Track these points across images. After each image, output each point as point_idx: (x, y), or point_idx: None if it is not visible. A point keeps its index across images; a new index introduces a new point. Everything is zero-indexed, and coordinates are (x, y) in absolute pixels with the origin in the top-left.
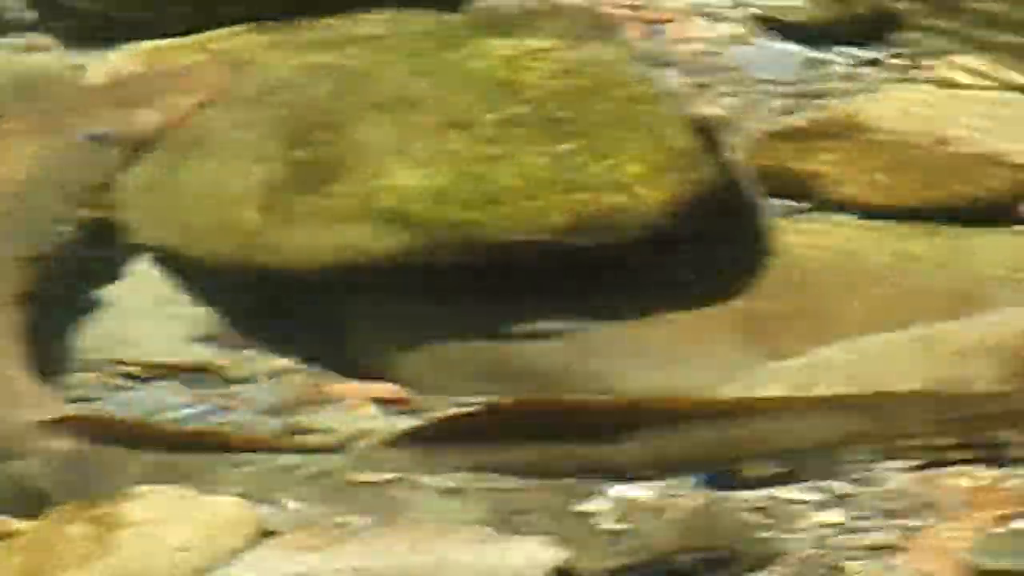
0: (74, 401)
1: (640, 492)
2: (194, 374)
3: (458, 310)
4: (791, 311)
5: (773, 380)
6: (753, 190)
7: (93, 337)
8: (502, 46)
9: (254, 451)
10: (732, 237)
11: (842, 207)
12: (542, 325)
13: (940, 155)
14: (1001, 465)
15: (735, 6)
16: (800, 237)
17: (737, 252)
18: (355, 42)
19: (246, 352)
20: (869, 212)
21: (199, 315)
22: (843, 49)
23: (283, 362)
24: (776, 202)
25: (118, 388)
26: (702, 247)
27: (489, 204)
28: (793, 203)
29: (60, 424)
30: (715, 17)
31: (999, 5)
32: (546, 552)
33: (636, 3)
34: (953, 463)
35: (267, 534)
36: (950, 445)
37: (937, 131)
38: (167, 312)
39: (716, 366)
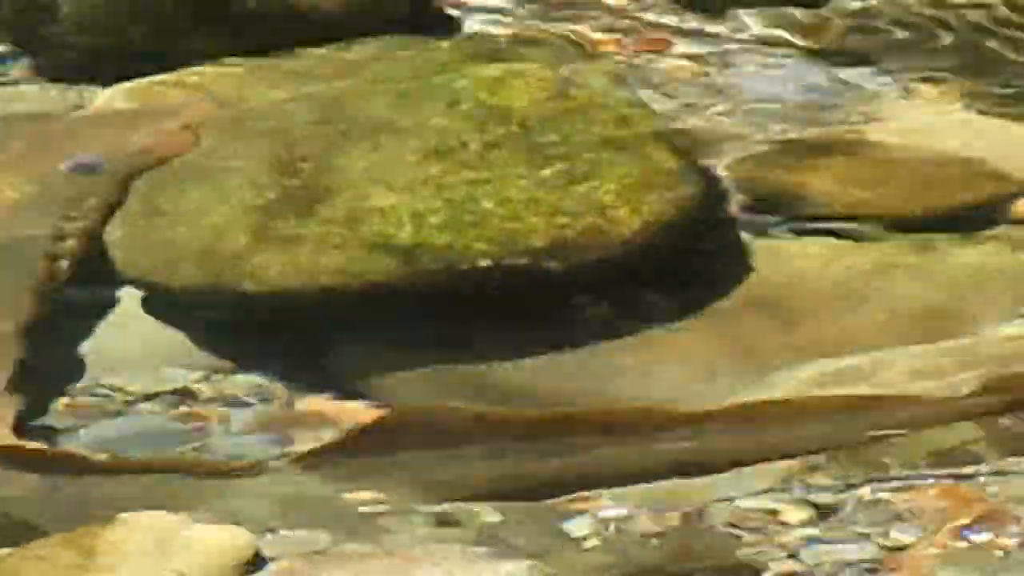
0: (60, 427)
1: (620, 510)
2: (177, 398)
3: (440, 333)
4: (775, 327)
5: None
6: (738, 207)
7: (76, 364)
8: (486, 71)
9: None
10: (717, 254)
11: (829, 221)
12: (523, 346)
13: (926, 168)
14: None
15: (729, 29)
16: (787, 252)
17: (721, 269)
18: (340, 70)
19: (228, 376)
20: (856, 225)
21: (183, 340)
22: (832, 70)
23: (265, 385)
24: (764, 218)
25: (101, 414)
26: (686, 265)
27: (471, 228)
28: (781, 219)
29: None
30: (705, 38)
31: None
32: (525, 572)
33: (623, 25)
34: (932, 476)
35: (257, 560)
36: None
37: (924, 146)
38: (151, 338)
39: (699, 384)
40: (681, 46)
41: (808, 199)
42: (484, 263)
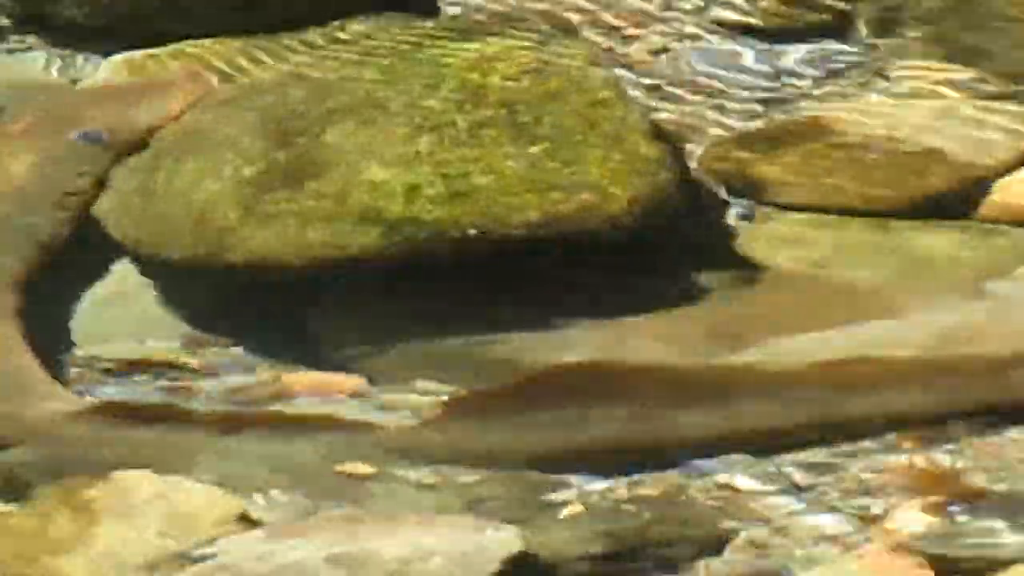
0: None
1: (603, 481)
2: (165, 369)
3: (431, 306)
4: (753, 310)
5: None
6: (709, 191)
7: (68, 333)
8: (471, 51)
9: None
10: (692, 237)
11: (797, 207)
12: (511, 322)
13: (891, 155)
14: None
15: (696, 12)
16: (759, 237)
17: (697, 251)
18: (331, 48)
19: (217, 348)
20: (823, 211)
21: (172, 312)
22: (799, 56)
23: (253, 357)
24: (735, 202)
25: (92, 382)
26: (664, 247)
27: (461, 202)
28: (751, 204)
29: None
30: (676, 23)
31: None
32: (512, 539)
33: (596, 8)
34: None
35: (245, 521)
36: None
37: (888, 133)
38: (140, 309)
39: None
40: (654, 28)
41: (780, 184)
42: (474, 236)
